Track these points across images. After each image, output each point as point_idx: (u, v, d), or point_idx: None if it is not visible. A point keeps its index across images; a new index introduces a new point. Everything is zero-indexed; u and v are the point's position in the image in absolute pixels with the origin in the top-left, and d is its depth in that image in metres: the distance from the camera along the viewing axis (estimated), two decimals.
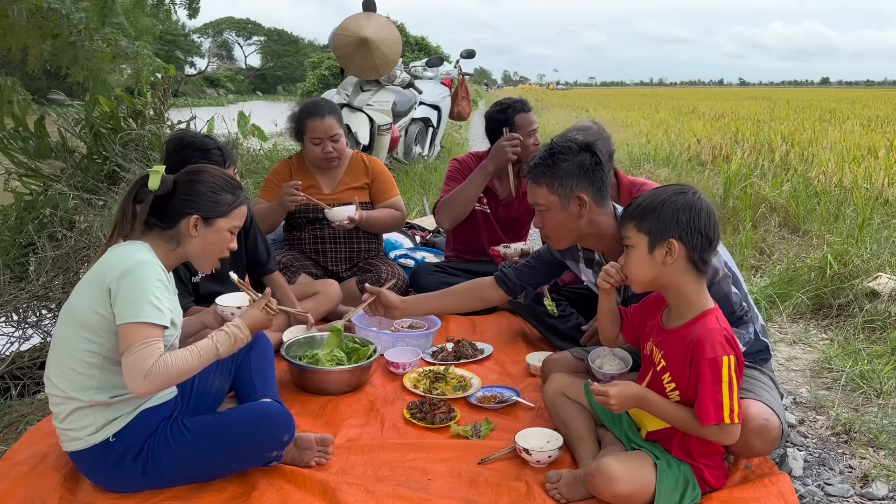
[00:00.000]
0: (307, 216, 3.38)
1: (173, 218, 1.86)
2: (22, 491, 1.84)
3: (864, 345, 3.13)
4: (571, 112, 21.08)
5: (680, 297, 1.82)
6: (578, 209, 2.19)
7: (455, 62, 8.98)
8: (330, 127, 3.27)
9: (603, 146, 2.69)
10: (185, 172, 1.93)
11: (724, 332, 1.75)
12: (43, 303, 3.22)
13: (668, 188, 1.86)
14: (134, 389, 1.69)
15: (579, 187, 2.18)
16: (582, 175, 2.18)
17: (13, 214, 4.11)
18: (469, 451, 2.11)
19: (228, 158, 2.74)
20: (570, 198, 2.18)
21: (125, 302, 1.70)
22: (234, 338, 1.86)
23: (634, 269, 1.83)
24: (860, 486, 2.09)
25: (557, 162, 2.18)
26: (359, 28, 6.06)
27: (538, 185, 2.22)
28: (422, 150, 8.36)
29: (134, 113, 5.05)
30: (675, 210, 1.77)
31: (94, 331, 1.74)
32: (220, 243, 1.92)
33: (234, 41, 73.53)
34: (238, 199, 1.94)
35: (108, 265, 1.76)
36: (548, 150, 2.22)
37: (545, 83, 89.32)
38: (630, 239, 1.82)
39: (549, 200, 2.21)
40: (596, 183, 2.19)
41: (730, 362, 1.71)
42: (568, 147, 2.19)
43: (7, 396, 2.66)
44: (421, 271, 3.50)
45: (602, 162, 2.21)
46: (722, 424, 1.72)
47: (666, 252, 1.76)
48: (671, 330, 1.84)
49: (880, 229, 4.55)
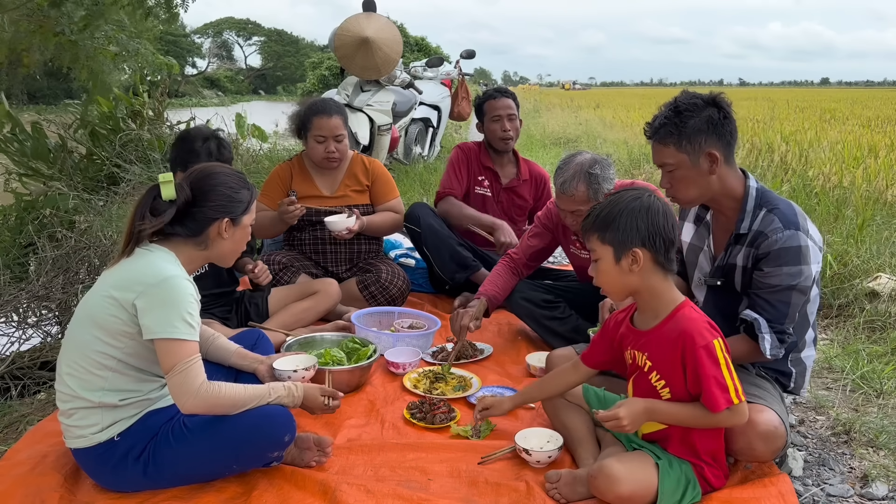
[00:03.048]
0: (308, 219, 3.38)
1: (201, 224, 1.86)
2: (22, 491, 1.84)
3: (865, 345, 3.13)
4: (571, 113, 21.07)
5: (653, 297, 1.82)
6: (710, 166, 2.05)
7: (455, 62, 8.98)
8: (336, 126, 3.27)
9: (604, 170, 2.69)
10: (199, 178, 1.90)
11: (705, 319, 1.78)
12: (43, 303, 3.22)
13: (624, 194, 1.83)
14: (184, 407, 1.73)
15: (709, 143, 2.03)
16: (711, 130, 2.03)
17: (13, 215, 4.12)
18: (469, 451, 2.11)
19: (226, 149, 2.75)
20: (700, 154, 2.04)
21: (157, 318, 1.70)
22: (290, 395, 1.91)
23: (605, 280, 1.83)
24: (860, 486, 2.09)
25: (684, 119, 2.05)
26: (360, 28, 6.06)
27: (664, 146, 2.08)
28: (422, 151, 8.35)
29: (132, 113, 5.06)
30: (634, 217, 1.76)
31: (112, 334, 1.74)
32: (244, 239, 1.97)
33: (234, 41, 73.55)
34: (253, 193, 1.97)
35: (136, 275, 1.75)
36: (672, 108, 2.09)
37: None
38: (595, 252, 1.82)
39: (678, 159, 2.06)
40: (725, 138, 2.05)
41: (720, 344, 1.73)
42: (693, 103, 2.07)
43: (7, 396, 2.66)
44: (420, 206, 3.60)
45: (730, 116, 2.07)
46: (732, 406, 1.73)
47: (632, 261, 1.77)
48: (649, 331, 1.84)
49: (880, 230, 4.54)
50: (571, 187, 2.67)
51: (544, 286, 3.19)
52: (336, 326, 3.07)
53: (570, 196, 2.69)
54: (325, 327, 3.08)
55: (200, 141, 2.76)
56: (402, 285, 3.37)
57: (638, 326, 1.87)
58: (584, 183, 2.66)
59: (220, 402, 1.76)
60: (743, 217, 2.06)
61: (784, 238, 1.97)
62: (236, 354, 2.13)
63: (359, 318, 3.03)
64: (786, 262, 1.96)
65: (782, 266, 1.96)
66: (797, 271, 1.96)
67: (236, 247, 1.95)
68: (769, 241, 1.98)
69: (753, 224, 2.04)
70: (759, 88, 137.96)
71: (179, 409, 1.75)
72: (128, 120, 4.99)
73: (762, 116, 15.55)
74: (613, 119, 17.22)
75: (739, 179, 2.12)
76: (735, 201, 2.09)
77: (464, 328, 2.80)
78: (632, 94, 44.28)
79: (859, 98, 30.81)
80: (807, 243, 1.97)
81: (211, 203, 1.86)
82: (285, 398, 1.89)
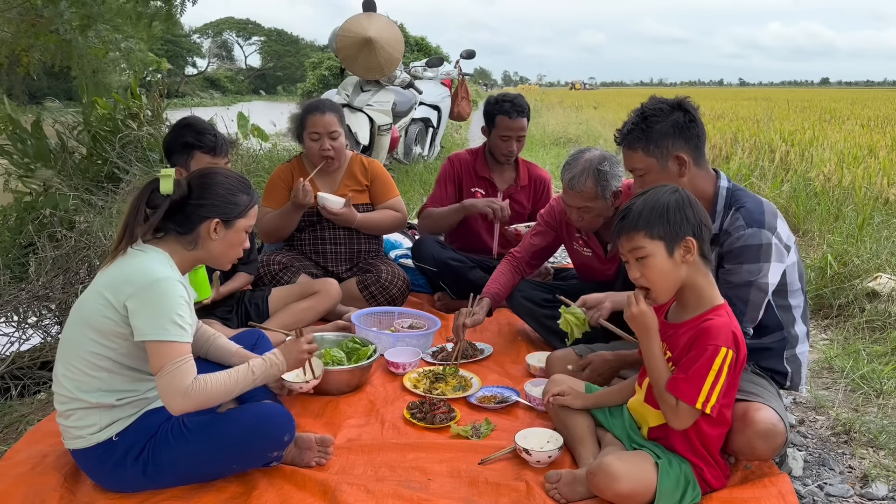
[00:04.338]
0: (309, 219, 3.38)
1: (192, 222, 1.85)
2: (22, 491, 1.84)
3: (865, 345, 3.13)
4: (572, 112, 21.06)
5: (695, 292, 1.81)
6: (678, 168, 2.10)
7: (455, 62, 8.98)
8: (329, 123, 3.27)
9: (613, 168, 2.69)
10: (199, 175, 1.92)
11: (733, 327, 1.76)
12: (43, 303, 3.21)
13: (659, 189, 1.83)
14: (172, 408, 1.72)
15: (676, 146, 2.09)
16: (677, 134, 2.08)
17: (13, 215, 4.11)
18: (469, 451, 2.11)
19: (220, 148, 2.76)
20: (668, 158, 2.09)
21: (148, 319, 1.70)
22: (271, 364, 1.91)
23: (658, 276, 1.77)
24: (860, 486, 2.09)
25: (651, 124, 2.10)
26: (361, 28, 6.05)
27: (633, 151, 2.14)
28: (422, 151, 8.35)
29: (131, 114, 5.05)
30: (682, 209, 1.77)
31: (105, 335, 1.74)
32: (239, 243, 1.95)
33: (235, 41, 73.54)
34: (252, 199, 1.96)
35: (127, 276, 1.74)
36: (639, 114, 2.14)
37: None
38: (643, 249, 1.76)
39: (647, 164, 2.12)
40: (692, 141, 2.10)
41: (726, 355, 1.71)
42: (659, 108, 2.11)
43: (7, 396, 2.66)
44: (425, 241, 3.58)
45: (696, 119, 2.12)
46: (680, 402, 1.72)
47: (685, 251, 1.76)
48: (680, 324, 1.83)
49: (880, 229, 4.54)
50: (580, 183, 2.67)
51: (545, 285, 3.19)
52: (336, 326, 3.07)
53: (579, 192, 2.69)
54: (325, 327, 3.08)
55: (201, 122, 2.80)
56: (403, 285, 3.37)
57: (670, 319, 1.87)
58: (593, 179, 2.66)
59: (209, 397, 1.75)
60: (715, 218, 2.08)
61: (746, 236, 1.99)
62: (237, 355, 2.13)
63: (359, 318, 3.03)
64: (746, 260, 1.99)
65: (743, 263, 1.99)
66: (756, 268, 1.98)
67: (228, 250, 1.93)
68: (731, 238, 2.02)
69: (724, 224, 2.07)
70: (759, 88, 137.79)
71: (169, 411, 1.74)
72: (127, 120, 4.98)
73: (762, 116, 15.53)
74: (615, 119, 17.20)
75: (711, 180, 2.15)
76: (707, 202, 2.11)
77: (460, 327, 2.81)
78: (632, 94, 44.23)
79: (859, 98, 30.78)
80: (769, 241, 1.99)
81: (205, 201, 1.86)
82: (270, 370, 1.90)
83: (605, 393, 2.12)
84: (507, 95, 3.59)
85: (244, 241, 1.97)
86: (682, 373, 1.74)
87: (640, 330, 1.79)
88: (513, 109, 3.51)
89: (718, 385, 1.71)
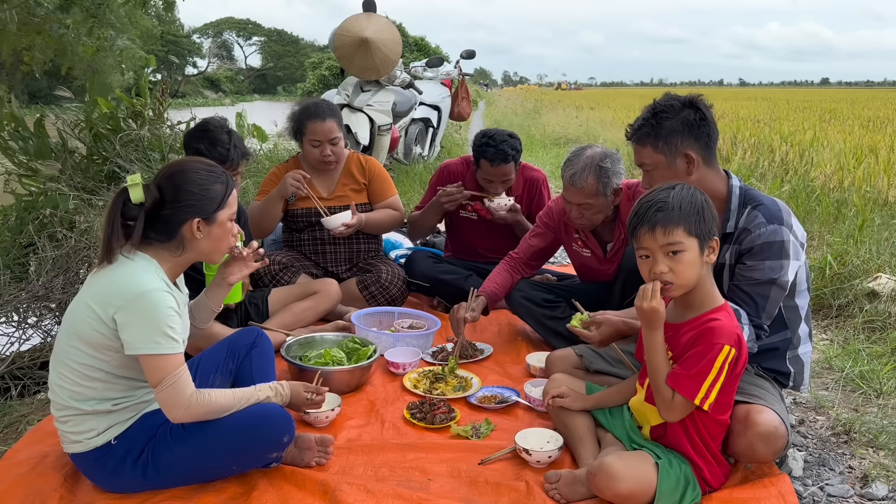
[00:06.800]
0: (308, 219, 3.37)
1: (173, 227, 1.80)
2: (22, 491, 1.84)
3: (864, 345, 3.13)
4: (571, 112, 21.06)
5: (702, 291, 1.81)
6: (686, 166, 2.09)
7: (455, 62, 8.97)
8: (330, 130, 3.26)
9: (614, 165, 2.69)
10: (166, 176, 1.82)
11: (736, 328, 1.77)
12: (43, 303, 3.21)
13: (683, 187, 1.81)
14: (173, 418, 1.73)
15: (685, 144, 2.07)
16: (687, 132, 2.07)
17: (13, 215, 4.11)
18: (469, 451, 2.11)
19: (231, 162, 2.73)
20: (676, 155, 2.08)
21: (138, 334, 1.67)
22: (276, 394, 1.91)
23: (688, 272, 1.75)
24: (860, 486, 2.09)
25: (661, 121, 2.09)
26: (359, 28, 6.05)
27: (642, 146, 2.13)
28: (422, 151, 8.35)
29: (133, 114, 5.05)
30: (710, 208, 1.78)
31: (96, 348, 1.72)
32: (226, 235, 1.89)
33: (234, 41, 73.56)
34: (228, 185, 1.88)
35: (114, 288, 1.70)
36: (650, 110, 2.14)
37: (555, 83, 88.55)
38: (681, 244, 1.74)
39: (655, 160, 2.11)
40: (702, 139, 2.08)
41: (729, 353, 1.72)
42: (670, 105, 2.10)
43: (7, 396, 2.66)
44: (416, 257, 3.56)
45: (708, 118, 2.10)
46: (677, 395, 1.73)
47: (711, 250, 1.77)
48: (681, 323, 1.83)
49: (880, 230, 4.54)
50: (581, 180, 2.67)
51: (545, 285, 3.19)
52: (336, 326, 3.07)
53: (580, 188, 2.69)
54: (325, 327, 3.08)
55: (220, 130, 2.77)
56: (402, 285, 3.37)
57: (669, 320, 1.85)
58: (594, 176, 2.66)
59: (209, 409, 1.76)
60: (728, 216, 2.08)
61: (767, 233, 1.99)
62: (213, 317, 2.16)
63: (359, 318, 3.03)
64: (768, 257, 1.98)
65: (765, 260, 1.99)
66: (778, 265, 1.98)
67: (217, 245, 1.88)
68: (752, 235, 2.01)
69: (739, 222, 2.06)
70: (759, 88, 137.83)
71: (169, 419, 1.74)
72: (128, 120, 4.98)
73: (762, 116, 15.54)
74: (614, 119, 17.21)
75: (722, 180, 2.14)
76: (719, 201, 2.10)
77: (461, 321, 2.81)
78: (632, 95, 44.26)
79: (859, 98, 30.80)
80: (789, 238, 1.99)
81: (179, 203, 1.78)
82: (273, 398, 1.90)
83: (605, 394, 2.12)
84: (494, 137, 3.29)
85: (232, 230, 1.90)
86: (684, 368, 1.74)
87: (650, 323, 1.78)
88: (496, 156, 3.25)
89: (718, 383, 1.72)
